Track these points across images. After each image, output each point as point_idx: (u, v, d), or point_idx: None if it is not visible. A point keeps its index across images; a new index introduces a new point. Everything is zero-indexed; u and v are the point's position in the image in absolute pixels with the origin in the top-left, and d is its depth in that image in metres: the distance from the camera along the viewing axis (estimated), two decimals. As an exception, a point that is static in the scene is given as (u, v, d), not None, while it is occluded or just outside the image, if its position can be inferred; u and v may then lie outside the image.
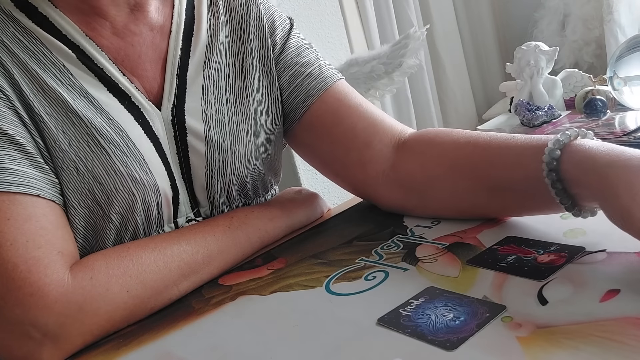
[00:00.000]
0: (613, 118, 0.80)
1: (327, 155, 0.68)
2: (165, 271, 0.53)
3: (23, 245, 0.47)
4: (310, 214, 0.71)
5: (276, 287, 0.53)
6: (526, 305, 0.39)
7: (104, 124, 0.55)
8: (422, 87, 2.15)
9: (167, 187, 0.60)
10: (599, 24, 1.94)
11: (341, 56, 1.71)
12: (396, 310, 0.43)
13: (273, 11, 0.70)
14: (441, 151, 0.60)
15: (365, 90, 1.41)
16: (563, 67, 1.64)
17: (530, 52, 0.98)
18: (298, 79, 0.67)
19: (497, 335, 0.37)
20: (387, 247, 0.56)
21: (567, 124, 0.84)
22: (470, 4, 2.38)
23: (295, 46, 0.69)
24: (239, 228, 0.61)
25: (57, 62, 0.55)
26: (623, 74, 0.83)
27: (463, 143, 0.58)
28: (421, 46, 1.38)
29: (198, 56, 0.63)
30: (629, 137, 0.69)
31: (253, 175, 0.66)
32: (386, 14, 2.04)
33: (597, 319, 0.36)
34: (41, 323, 0.46)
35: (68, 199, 0.53)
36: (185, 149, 0.61)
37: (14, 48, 0.54)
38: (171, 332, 0.49)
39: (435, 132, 0.63)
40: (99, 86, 0.57)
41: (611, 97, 0.87)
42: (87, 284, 0.49)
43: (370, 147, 0.64)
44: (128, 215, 0.56)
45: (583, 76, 0.98)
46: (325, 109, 0.66)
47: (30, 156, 0.51)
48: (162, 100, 0.60)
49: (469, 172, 0.56)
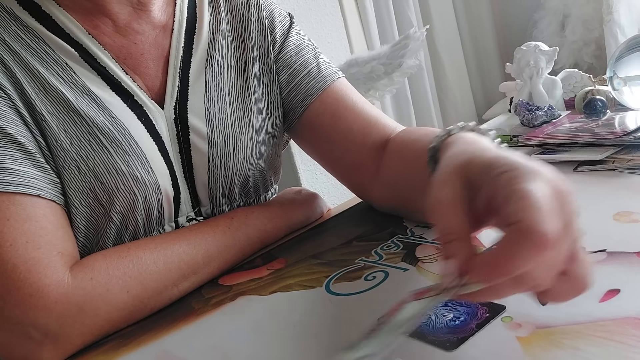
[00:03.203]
0: (613, 118, 0.80)
1: (327, 155, 0.69)
2: (165, 271, 0.53)
3: (23, 246, 0.47)
4: (310, 214, 0.71)
5: (276, 287, 0.53)
6: (526, 305, 0.39)
7: (106, 123, 0.55)
8: (422, 87, 2.15)
9: (168, 186, 0.60)
10: (598, 24, 1.94)
11: (341, 56, 1.71)
12: (396, 310, 0.43)
13: (273, 8, 0.70)
14: (406, 162, 0.59)
15: (365, 90, 1.41)
16: (563, 67, 1.63)
17: (530, 52, 0.98)
18: (297, 78, 0.68)
19: (497, 335, 0.37)
20: (386, 247, 0.56)
21: (566, 124, 0.84)
22: (470, 4, 2.38)
23: (295, 44, 0.69)
24: (239, 228, 0.61)
25: (60, 60, 0.55)
26: (623, 74, 0.83)
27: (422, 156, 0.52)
28: (421, 46, 1.38)
29: (200, 54, 0.63)
30: (629, 137, 0.69)
31: (255, 173, 0.67)
32: (386, 14, 2.04)
33: (597, 319, 0.36)
34: (41, 323, 0.46)
35: (69, 198, 0.53)
36: (187, 148, 0.61)
37: (16, 46, 0.54)
38: (171, 332, 0.49)
39: (404, 138, 0.63)
40: (101, 84, 0.57)
41: (611, 97, 0.87)
42: (87, 285, 0.49)
43: (364, 149, 0.65)
44: (129, 214, 0.56)
45: (583, 76, 0.98)
46: (324, 110, 0.66)
47: (31, 156, 0.51)
48: (165, 99, 0.60)
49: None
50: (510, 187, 0.32)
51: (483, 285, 0.32)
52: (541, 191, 0.31)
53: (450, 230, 0.34)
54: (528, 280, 0.31)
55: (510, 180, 0.32)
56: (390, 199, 0.64)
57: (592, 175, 0.64)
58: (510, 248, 0.30)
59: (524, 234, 0.29)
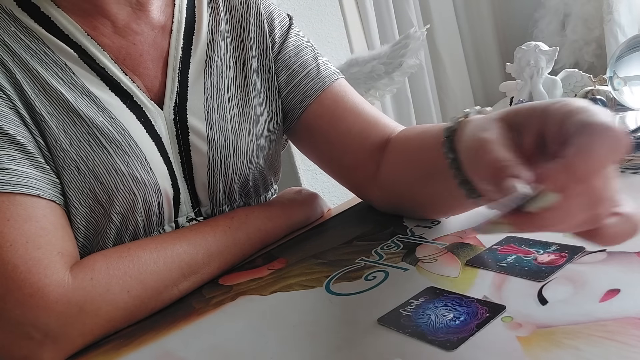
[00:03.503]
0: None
1: (325, 155, 0.69)
2: (165, 271, 0.53)
3: (23, 246, 0.47)
4: (310, 214, 0.71)
5: (276, 287, 0.53)
6: (526, 305, 0.39)
7: (105, 123, 0.55)
8: (422, 87, 2.15)
9: (168, 186, 0.60)
10: (599, 23, 1.94)
11: (341, 56, 1.71)
12: (396, 310, 0.43)
13: (272, 9, 0.70)
14: (411, 154, 0.59)
15: (365, 90, 1.41)
16: (563, 67, 1.63)
17: (530, 52, 0.98)
18: (296, 79, 0.68)
19: (497, 335, 0.37)
20: (387, 247, 0.56)
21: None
22: (470, 4, 2.38)
23: (294, 45, 0.69)
24: (239, 228, 0.61)
25: (59, 61, 0.55)
26: (623, 74, 0.83)
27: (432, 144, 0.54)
28: (421, 46, 1.38)
29: (199, 55, 0.63)
30: (629, 137, 0.68)
31: (255, 174, 0.67)
32: (386, 14, 2.04)
33: (597, 319, 0.36)
34: (41, 323, 0.46)
35: (69, 198, 0.53)
36: (187, 148, 0.61)
37: (15, 47, 0.54)
38: (171, 333, 0.49)
39: (407, 133, 0.63)
40: (101, 85, 0.57)
41: (611, 97, 0.87)
42: (88, 285, 0.49)
43: (363, 150, 0.65)
44: (129, 215, 0.56)
45: (583, 76, 0.98)
46: (323, 111, 0.66)
47: (30, 156, 0.51)
48: (164, 99, 0.61)
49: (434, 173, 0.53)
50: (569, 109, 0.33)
51: (558, 198, 0.30)
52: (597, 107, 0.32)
53: (507, 162, 0.32)
54: (598, 195, 0.31)
55: (564, 106, 0.33)
56: (389, 197, 0.64)
57: (592, 175, 0.63)
58: (586, 146, 0.30)
59: (600, 130, 0.30)
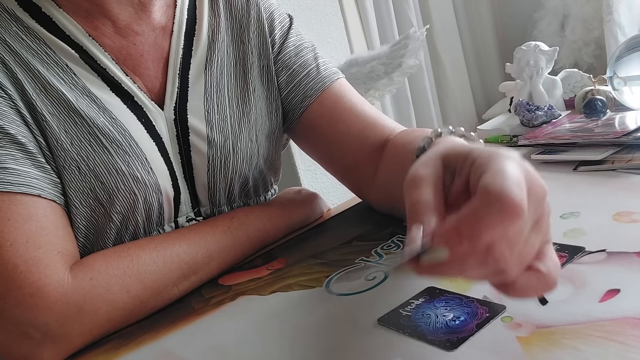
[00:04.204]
0: (613, 118, 0.80)
1: (326, 155, 0.69)
2: (165, 271, 0.53)
3: (23, 246, 0.47)
4: (309, 213, 0.71)
5: (276, 287, 0.53)
6: (526, 305, 0.39)
7: (106, 123, 0.55)
8: (422, 87, 2.15)
9: (168, 186, 0.60)
10: (598, 24, 1.94)
11: (341, 56, 1.71)
12: (396, 310, 0.43)
13: (273, 9, 0.70)
14: (399, 162, 0.58)
15: (365, 90, 1.41)
16: (563, 67, 1.63)
17: (530, 52, 0.98)
18: (296, 79, 0.68)
19: (497, 335, 0.37)
20: (387, 247, 0.56)
21: (566, 124, 0.84)
22: (470, 4, 2.38)
23: (294, 45, 0.69)
24: (239, 228, 0.61)
25: (60, 62, 0.55)
26: (623, 74, 0.83)
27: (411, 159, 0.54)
28: (421, 46, 1.38)
29: (200, 55, 0.63)
30: (629, 137, 0.69)
31: (254, 174, 0.67)
32: (386, 14, 2.04)
33: (597, 319, 0.36)
34: (41, 323, 0.46)
35: (70, 198, 0.53)
36: (187, 149, 0.61)
37: (17, 47, 0.54)
38: (171, 332, 0.49)
39: (400, 140, 0.62)
40: (102, 86, 0.57)
41: (611, 97, 0.87)
42: (87, 284, 0.49)
43: (363, 150, 0.65)
44: (129, 215, 0.56)
45: (583, 76, 0.98)
46: (322, 111, 0.66)
47: (31, 156, 0.51)
48: (165, 100, 0.61)
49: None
50: (485, 165, 0.32)
51: (447, 253, 0.30)
52: (514, 170, 0.30)
53: (423, 205, 0.33)
54: (493, 255, 0.30)
55: (486, 159, 0.32)
56: (386, 200, 0.64)
57: (591, 175, 0.64)
58: (476, 210, 0.29)
59: (491, 197, 0.29)
